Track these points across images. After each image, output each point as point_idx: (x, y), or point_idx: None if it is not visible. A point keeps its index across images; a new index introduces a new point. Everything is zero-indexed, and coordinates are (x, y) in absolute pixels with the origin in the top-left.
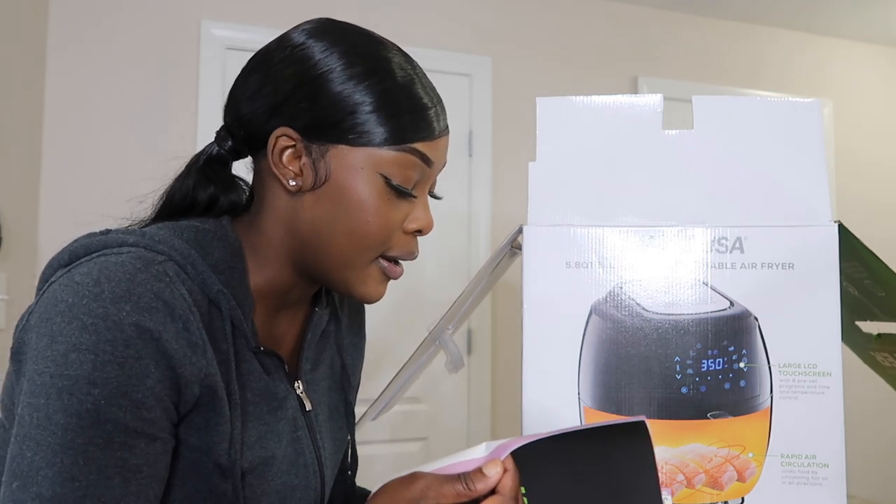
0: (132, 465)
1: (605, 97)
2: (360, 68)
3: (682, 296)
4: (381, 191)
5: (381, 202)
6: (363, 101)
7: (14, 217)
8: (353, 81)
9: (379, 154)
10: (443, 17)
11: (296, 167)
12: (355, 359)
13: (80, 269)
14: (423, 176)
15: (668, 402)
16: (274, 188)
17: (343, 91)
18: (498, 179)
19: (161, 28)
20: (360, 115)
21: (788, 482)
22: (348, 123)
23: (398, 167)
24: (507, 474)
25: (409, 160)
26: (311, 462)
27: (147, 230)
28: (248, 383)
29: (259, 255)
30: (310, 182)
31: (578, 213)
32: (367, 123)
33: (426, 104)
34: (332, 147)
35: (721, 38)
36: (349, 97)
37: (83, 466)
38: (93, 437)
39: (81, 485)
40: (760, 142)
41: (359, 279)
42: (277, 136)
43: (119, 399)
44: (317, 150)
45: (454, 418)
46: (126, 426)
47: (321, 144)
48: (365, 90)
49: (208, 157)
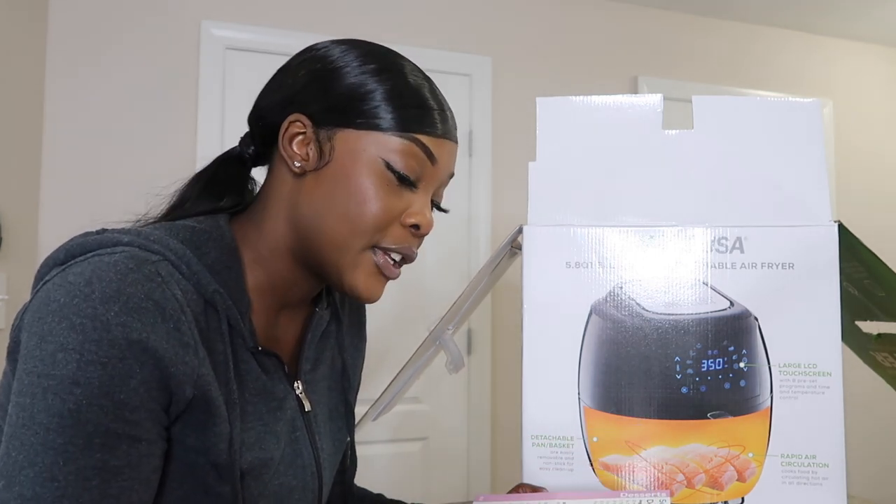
0: (112, 467)
1: (605, 97)
2: (374, 65)
3: (682, 296)
4: (382, 176)
5: (380, 187)
6: (374, 90)
7: (14, 217)
8: (366, 75)
9: (384, 139)
10: (443, 17)
11: (303, 152)
12: (356, 359)
13: (74, 268)
14: (426, 172)
15: (668, 402)
16: (280, 173)
17: (356, 81)
18: (498, 179)
19: (161, 28)
20: (369, 101)
21: (788, 482)
22: (358, 109)
23: (401, 155)
24: None
25: (412, 149)
26: (310, 463)
27: (143, 230)
28: (246, 383)
29: (259, 252)
30: (314, 163)
31: (578, 213)
32: (375, 110)
33: (432, 105)
34: (339, 130)
35: (721, 38)
36: (361, 86)
37: (62, 467)
38: (73, 437)
39: (60, 485)
40: (760, 142)
41: (350, 265)
42: (290, 122)
43: (101, 399)
44: (325, 134)
45: (454, 418)
46: (107, 427)
47: (329, 129)
48: (377, 82)
49: (228, 156)
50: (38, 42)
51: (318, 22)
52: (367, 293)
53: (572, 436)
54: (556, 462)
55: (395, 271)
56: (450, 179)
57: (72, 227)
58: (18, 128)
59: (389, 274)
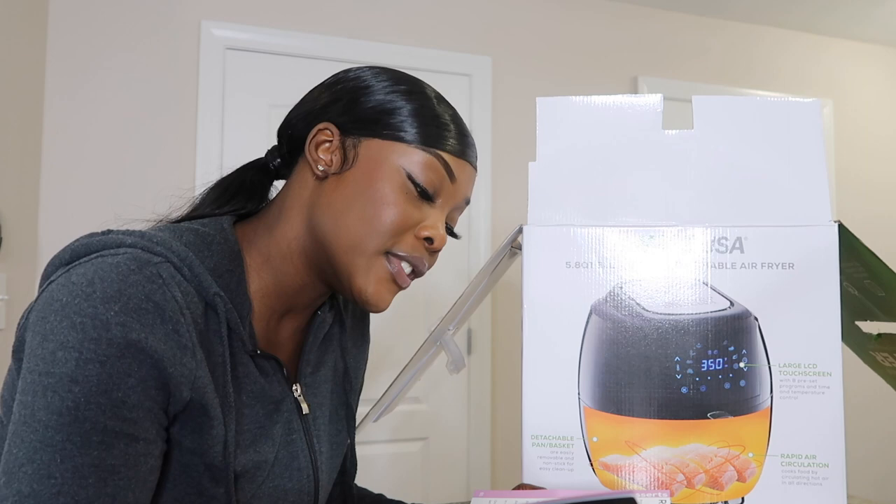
0: (108, 466)
1: (605, 97)
2: (403, 87)
3: (682, 296)
4: (402, 185)
5: (399, 196)
6: (402, 107)
7: (14, 217)
8: (395, 94)
9: (408, 151)
10: (443, 17)
11: (328, 157)
12: (358, 361)
13: (78, 269)
14: (445, 188)
15: (668, 402)
16: (303, 177)
17: (385, 98)
18: (498, 179)
19: (161, 28)
20: (396, 116)
21: (788, 482)
22: (385, 122)
23: (422, 167)
24: None
25: (433, 163)
26: (306, 465)
27: (147, 231)
28: (243, 386)
29: (268, 256)
30: (337, 167)
31: (578, 213)
32: (402, 124)
33: (456, 129)
34: (365, 140)
35: (721, 38)
36: (390, 103)
37: (60, 464)
38: (71, 434)
39: (57, 482)
40: (760, 141)
41: (362, 267)
42: (319, 129)
43: (98, 397)
44: (350, 142)
45: (454, 418)
46: (105, 425)
47: (356, 137)
48: (405, 101)
49: (254, 165)
50: (38, 42)
51: (319, 22)
52: (375, 298)
53: (572, 436)
54: (556, 462)
55: (407, 280)
56: (466, 206)
57: (72, 227)
58: (18, 128)
59: (402, 282)
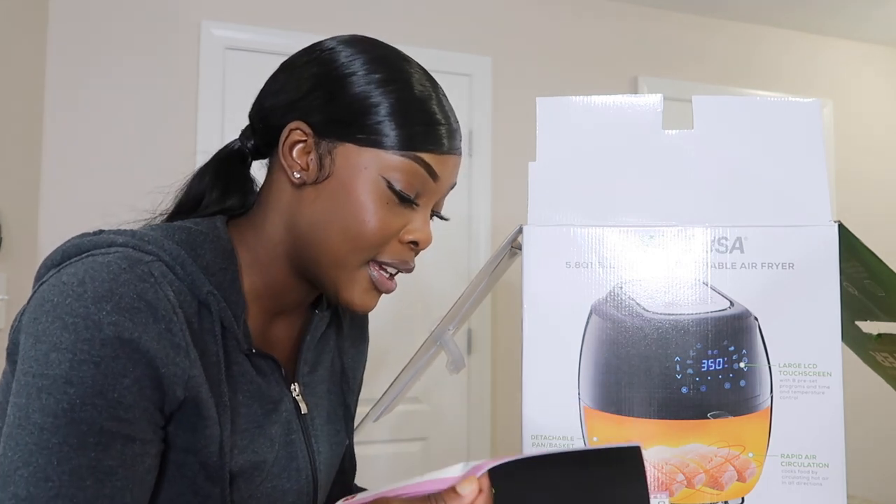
0: (106, 467)
1: (605, 97)
2: (381, 75)
3: (682, 296)
4: (382, 194)
5: (379, 205)
6: (379, 104)
7: (14, 217)
8: (372, 85)
9: (385, 157)
10: (443, 17)
11: (303, 161)
12: (356, 361)
13: (69, 269)
14: (427, 188)
15: (668, 402)
16: (280, 181)
17: (361, 93)
18: (498, 179)
19: (161, 28)
20: (373, 116)
21: (788, 482)
22: (360, 123)
23: (402, 173)
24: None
25: (413, 168)
26: (304, 466)
27: (138, 230)
28: (239, 385)
29: (257, 256)
30: (313, 176)
31: (578, 213)
32: (378, 126)
33: (439, 119)
34: (340, 145)
35: (721, 38)
36: (366, 99)
37: (56, 466)
38: (67, 436)
39: (55, 485)
40: (760, 142)
41: (347, 281)
42: (291, 129)
43: (94, 398)
44: (325, 146)
45: (454, 418)
46: (101, 426)
47: (330, 141)
48: (382, 94)
49: (229, 152)
50: (38, 42)
51: (318, 22)
52: (361, 306)
53: (572, 436)
54: None
55: (390, 285)
56: (451, 189)
57: (72, 227)
58: (18, 128)
59: (384, 289)
